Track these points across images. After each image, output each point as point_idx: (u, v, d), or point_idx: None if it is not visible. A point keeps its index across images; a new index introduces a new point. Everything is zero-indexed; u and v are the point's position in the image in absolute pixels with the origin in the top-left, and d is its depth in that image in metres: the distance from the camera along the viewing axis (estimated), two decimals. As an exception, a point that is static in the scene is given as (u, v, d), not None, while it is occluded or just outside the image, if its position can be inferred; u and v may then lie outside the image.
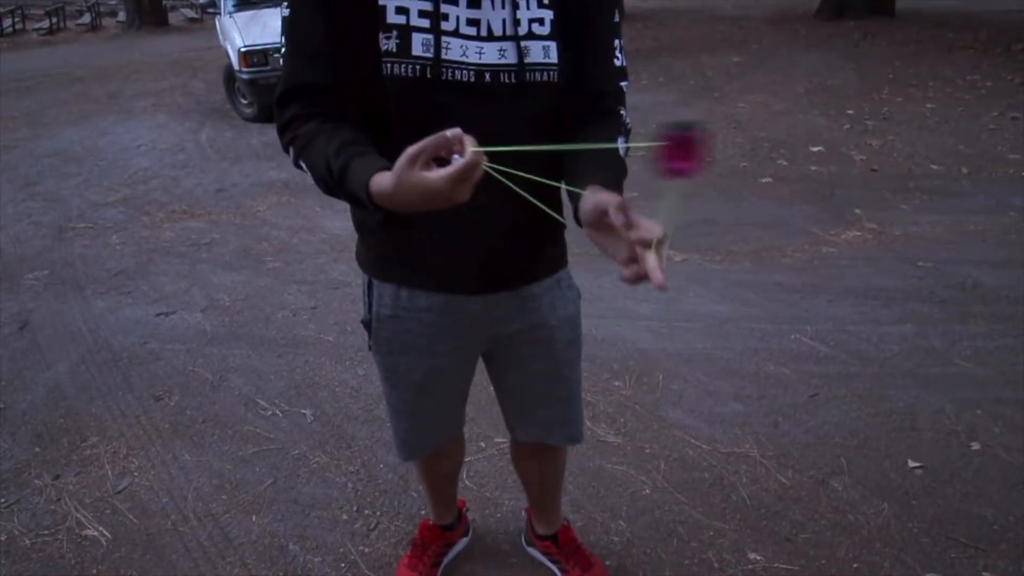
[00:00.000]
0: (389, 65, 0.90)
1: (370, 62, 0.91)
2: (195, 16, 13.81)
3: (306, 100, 0.93)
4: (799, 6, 10.21)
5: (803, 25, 9.12)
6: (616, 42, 1.01)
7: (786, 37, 8.52)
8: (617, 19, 1.02)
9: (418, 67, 0.90)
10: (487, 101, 0.93)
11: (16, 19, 13.47)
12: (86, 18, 14.06)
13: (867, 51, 7.47)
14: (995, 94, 5.68)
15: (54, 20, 13.48)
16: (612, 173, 0.93)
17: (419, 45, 0.90)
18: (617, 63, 1.02)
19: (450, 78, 0.91)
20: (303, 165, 0.93)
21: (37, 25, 13.60)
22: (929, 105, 5.55)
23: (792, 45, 8.02)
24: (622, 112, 1.03)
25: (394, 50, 0.90)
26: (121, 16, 14.02)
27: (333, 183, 0.87)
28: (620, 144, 1.00)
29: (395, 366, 1.19)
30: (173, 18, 13.95)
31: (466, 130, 0.86)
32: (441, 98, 0.92)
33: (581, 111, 1.00)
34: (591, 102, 1.01)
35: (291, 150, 0.94)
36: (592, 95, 1.01)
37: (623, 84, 1.03)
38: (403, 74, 0.90)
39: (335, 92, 0.93)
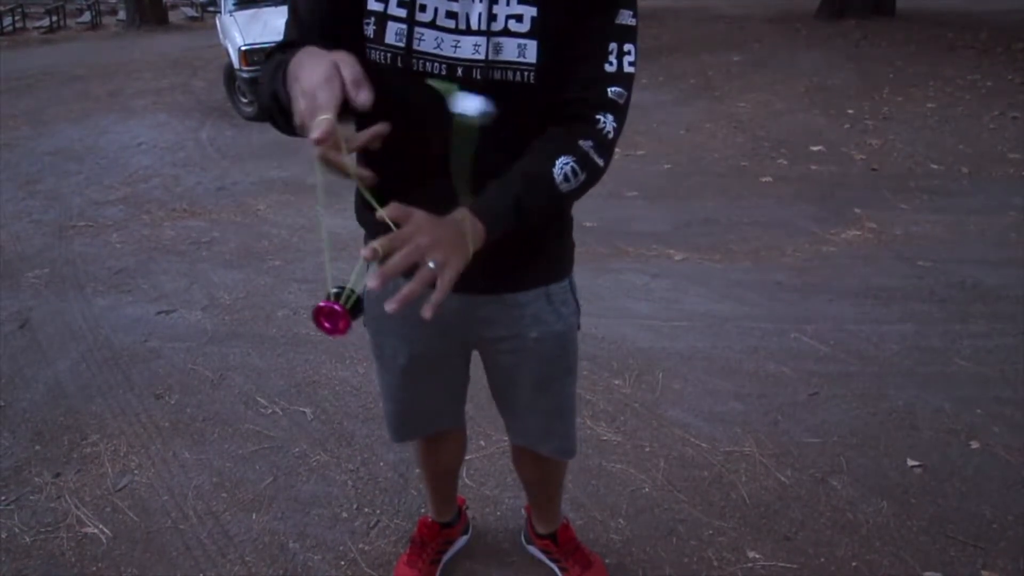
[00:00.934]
0: (369, 50, 0.92)
1: (357, 46, 0.92)
2: (195, 15, 13.80)
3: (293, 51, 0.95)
4: (799, 6, 10.20)
5: (803, 24, 9.12)
6: (612, 45, 0.91)
7: (786, 37, 8.52)
8: (622, 20, 0.93)
9: (390, 55, 0.91)
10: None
11: (16, 17, 13.46)
12: (86, 16, 14.05)
13: (867, 51, 7.47)
14: (995, 94, 5.68)
15: (54, 18, 13.48)
16: (503, 192, 0.86)
17: (392, 34, 0.90)
18: (609, 68, 0.90)
19: (421, 69, 0.90)
20: (261, 83, 0.93)
21: (37, 23, 13.59)
22: (929, 105, 5.55)
23: (793, 44, 8.02)
24: (598, 118, 0.90)
25: (372, 36, 0.91)
26: (121, 15, 14.01)
27: (266, 95, 0.88)
28: (559, 166, 0.87)
29: (381, 345, 1.22)
30: (173, 16, 13.95)
31: (435, 124, 0.87)
32: (411, 88, 0.90)
33: (553, 117, 0.92)
34: (563, 108, 0.91)
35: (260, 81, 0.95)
36: (564, 100, 0.91)
37: (612, 90, 0.91)
38: (379, 60, 0.91)
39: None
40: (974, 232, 3.36)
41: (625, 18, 0.93)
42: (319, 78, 0.73)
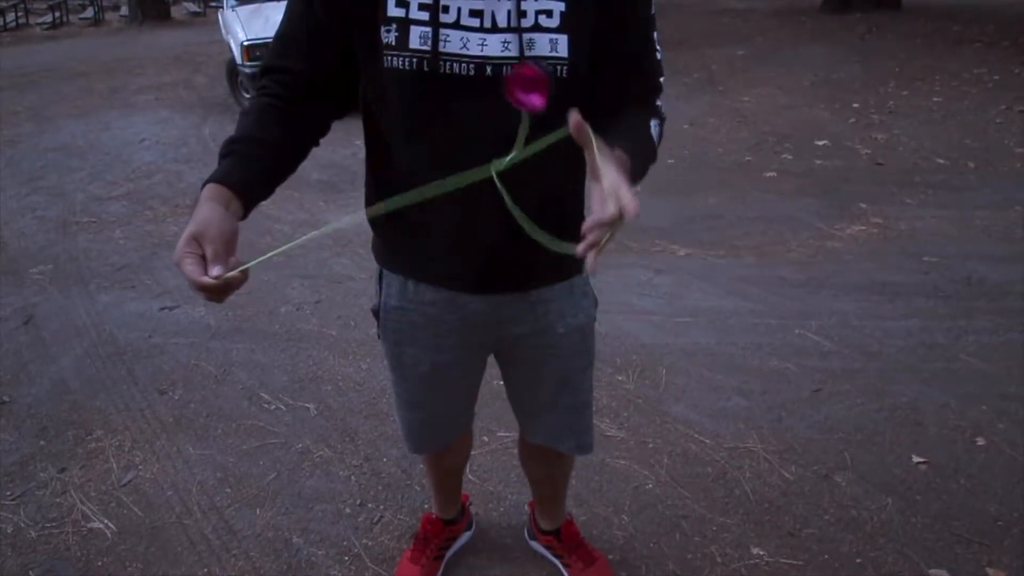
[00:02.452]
0: (389, 57, 0.90)
1: (373, 54, 0.91)
2: (198, 10, 13.79)
3: (273, 78, 0.97)
4: (804, -1, 10.15)
5: (808, 18, 9.07)
6: (654, 35, 0.98)
7: (791, 30, 8.47)
8: (653, 11, 0.98)
9: (415, 60, 0.89)
10: (487, 95, 0.90)
11: (19, 14, 13.46)
12: (89, 12, 14.04)
13: (873, 44, 7.42)
14: (1002, 87, 5.64)
15: (57, 15, 13.47)
16: (634, 142, 0.89)
17: (416, 38, 0.89)
18: (658, 57, 0.99)
19: (448, 71, 0.89)
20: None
21: (40, 20, 13.59)
22: (935, 99, 5.52)
23: (797, 38, 7.97)
24: (658, 103, 1.01)
25: (393, 43, 0.90)
26: (124, 10, 14.01)
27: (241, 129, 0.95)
28: (653, 128, 0.97)
29: (400, 356, 1.19)
30: (176, 12, 13.94)
31: (465, 125, 0.91)
32: (439, 91, 0.90)
33: (620, 108, 0.98)
34: (630, 101, 0.99)
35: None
36: (631, 95, 0.98)
37: (662, 79, 1.00)
38: (402, 67, 0.90)
39: (302, 76, 0.96)
40: (980, 227, 3.34)
41: (653, 7, 0.99)
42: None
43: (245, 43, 5.71)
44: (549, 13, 0.89)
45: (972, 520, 1.68)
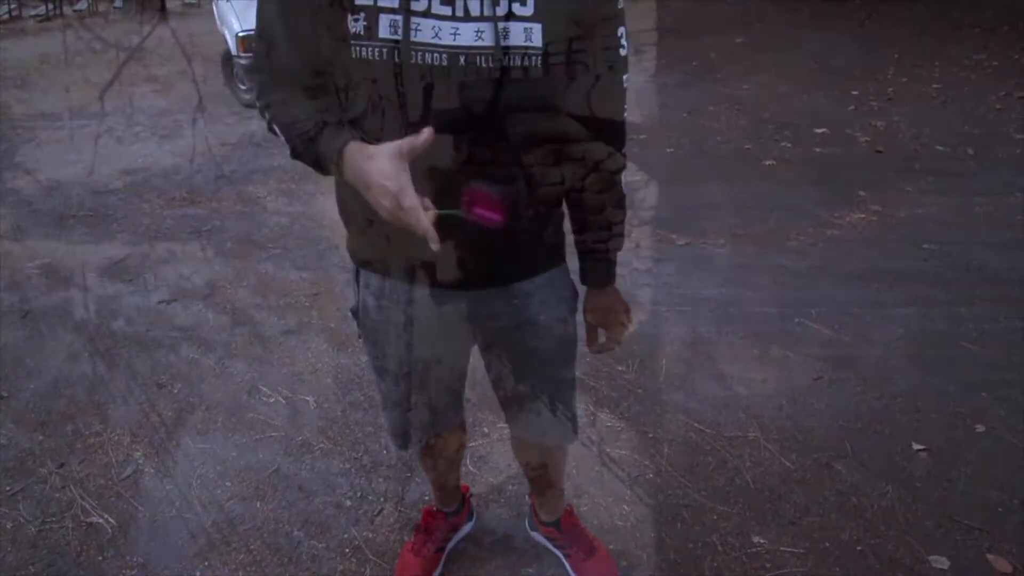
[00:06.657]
0: (358, 48, 0.88)
1: (341, 44, 0.89)
2: (193, 1, 13.68)
3: (274, 72, 0.94)
4: (803, -15, 10.06)
5: (807, 5, 8.99)
6: (621, 30, 0.95)
7: (790, 17, 8.41)
8: (622, 4, 0.96)
9: (385, 50, 0.87)
10: (461, 87, 0.88)
11: (12, 5, 13.35)
12: (83, 3, 13.93)
13: (872, 31, 7.38)
14: (1002, 73, 5.61)
15: (50, 6, 13.35)
16: (603, 262, 1.11)
17: (386, 27, 0.86)
18: (623, 52, 0.96)
19: (420, 61, 0.87)
20: (276, 129, 0.95)
21: (34, 11, 13.48)
22: (935, 85, 5.49)
23: (796, 25, 7.92)
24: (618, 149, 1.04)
25: (362, 32, 0.87)
26: (118, 2, 13.90)
27: (301, 146, 0.91)
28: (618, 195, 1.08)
29: (382, 356, 1.18)
30: (171, 3, 13.82)
31: (439, 117, 0.89)
32: (411, 82, 0.88)
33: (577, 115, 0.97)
34: (584, 96, 0.96)
35: (266, 115, 0.97)
36: (594, 106, 0.97)
37: (626, 77, 0.99)
38: (371, 57, 0.87)
39: (295, 71, 0.93)
40: (980, 214, 3.33)
41: (623, 1, 0.97)
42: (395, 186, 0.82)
43: (240, 34, 5.65)
44: (523, 1, 0.87)
45: (973, 507, 1.69)
